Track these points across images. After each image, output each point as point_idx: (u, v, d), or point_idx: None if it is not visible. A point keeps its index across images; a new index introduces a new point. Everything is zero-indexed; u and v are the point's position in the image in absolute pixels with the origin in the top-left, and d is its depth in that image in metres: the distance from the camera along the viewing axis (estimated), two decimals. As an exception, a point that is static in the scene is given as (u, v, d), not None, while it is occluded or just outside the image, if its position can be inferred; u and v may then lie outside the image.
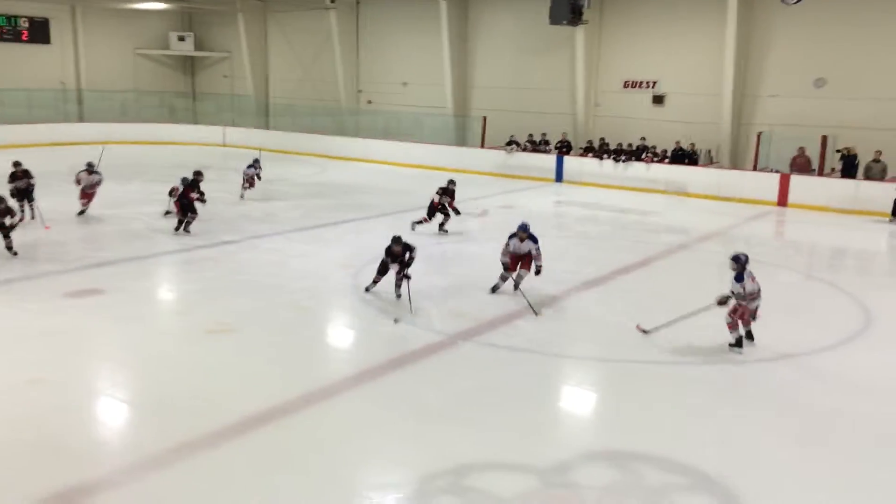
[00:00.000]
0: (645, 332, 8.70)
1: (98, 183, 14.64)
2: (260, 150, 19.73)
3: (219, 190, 17.11)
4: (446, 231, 14.32)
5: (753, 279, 8.20)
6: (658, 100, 22.75)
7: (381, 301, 9.84)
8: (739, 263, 8.24)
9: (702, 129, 21.41)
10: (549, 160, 22.58)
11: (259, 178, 17.63)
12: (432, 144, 25.12)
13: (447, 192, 14.25)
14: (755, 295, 8.22)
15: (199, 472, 5.66)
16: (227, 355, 8.02)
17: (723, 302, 8.28)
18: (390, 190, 20.29)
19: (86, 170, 14.48)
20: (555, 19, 21.51)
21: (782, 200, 18.94)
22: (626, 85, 23.32)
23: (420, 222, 14.15)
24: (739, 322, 8.31)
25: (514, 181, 22.26)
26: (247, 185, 17.43)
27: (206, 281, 10.90)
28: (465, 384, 7.41)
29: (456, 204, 14.33)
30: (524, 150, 23.35)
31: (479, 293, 10.55)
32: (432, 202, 14.16)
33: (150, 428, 6.37)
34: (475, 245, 13.83)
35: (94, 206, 14.66)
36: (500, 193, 20.00)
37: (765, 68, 20.90)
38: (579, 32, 22.75)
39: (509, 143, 23.46)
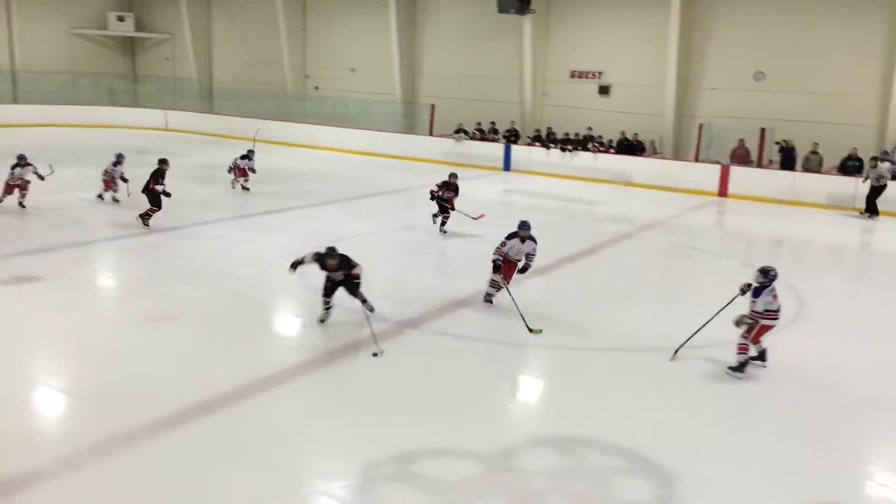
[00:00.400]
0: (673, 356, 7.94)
1: (28, 174, 13.89)
2: (255, 140, 18.17)
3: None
4: (445, 231, 13.39)
5: (776, 296, 7.51)
6: (604, 90, 23.01)
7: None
8: (768, 277, 7.48)
9: (646, 120, 21.75)
10: (497, 149, 22.66)
11: (253, 170, 16.54)
12: (380, 131, 24.97)
13: (449, 186, 13.33)
14: (776, 314, 7.54)
15: (140, 461, 5.54)
16: (168, 344, 7.87)
17: (740, 323, 7.53)
18: (336, 177, 20.12)
19: (19, 163, 13.66)
20: (502, 7, 21.60)
21: (723, 191, 19.37)
22: (573, 75, 23.52)
23: (444, 221, 13.31)
24: (750, 344, 7.58)
25: (462, 169, 22.20)
26: (241, 178, 16.49)
27: (147, 268, 10.67)
28: (412, 372, 7.41)
29: (447, 193, 13.36)
30: (472, 138, 23.39)
31: (425, 281, 10.56)
32: (431, 191, 13.36)
33: (88, 417, 6.21)
34: (420, 233, 13.81)
35: (31, 191, 14.17)
36: (448, 181, 19.99)
37: (706, 61, 21.32)
38: (527, 21, 22.86)
39: (458, 132, 23.47)
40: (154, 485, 5.25)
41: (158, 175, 12.66)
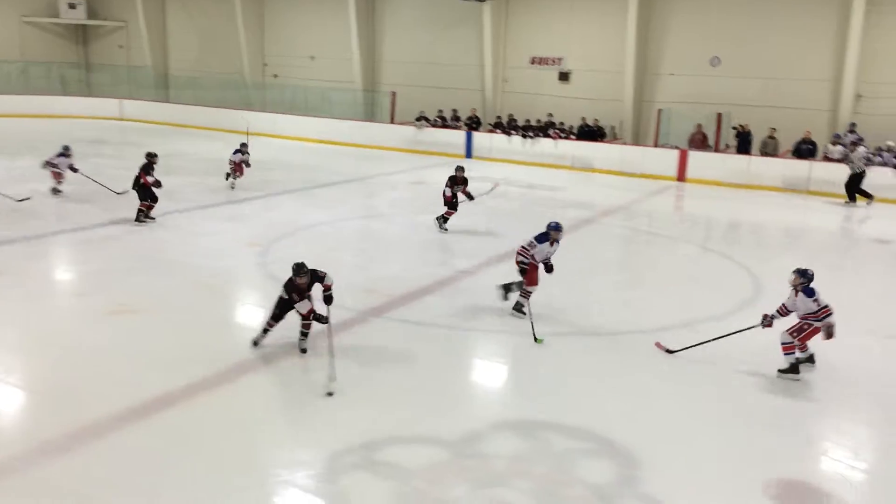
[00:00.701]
0: (670, 351, 7.71)
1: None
2: (248, 133, 17.43)
3: (116, 166, 16.46)
4: (445, 230, 12.89)
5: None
6: (564, 77, 23.14)
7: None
8: (807, 277, 7.31)
9: (606, 105, 21.95)
10: (459, 136, 22.69)
11: (248, 164, 15.65)
12: (341, 120, 24.82)
13: (458, 180, 12.87)
14: (829, 310, 7.28)
15: (101, 457, 5.49)
16: (129, 337, 7.77)
17: (769, 324, 7.41)
18: (297, 166, 19.98)
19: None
20: (462, -6, 21.60)
21: (681, 175, 19.66)
22: (533, 61, 23.61)
23: (446, 219, 12.94)
24: (798, 344, 7.36)
25: (424, 157, 22.28)
26: (237, 173, 15.59)
27: (107, 261, 10.50)
28: (376, 360, 7.43)
29: (457, 188, 12.87)
30: (434, 125, 23.38)
31: (389, 269, 10.57)
32: (445, 196, 12.79)
33: (47, 413, 6.13)
34: (383, 221, 13.81)
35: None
36: (410, 169, 20.00)
37: (664, 47, 21.57)
38: (486, 8, 22.88)
39: (419, 119, 23.44)
40: (116, 480, 5.20)
41: (148, 168, 12.43)
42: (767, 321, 7.39)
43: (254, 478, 5.29)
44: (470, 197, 12.93)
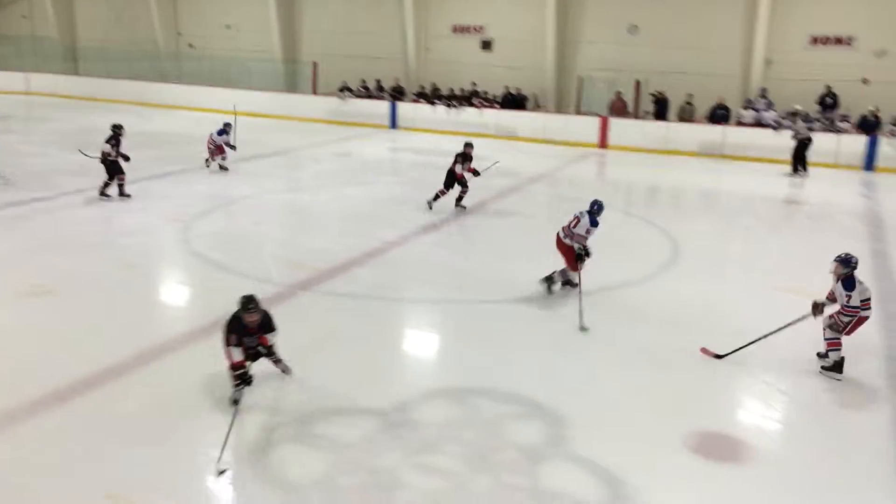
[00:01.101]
0: (718, 356, 7.08)
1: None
2: (235, 113, 16.31)
3: (23, 142, 15.75)
4: (465, 207, 12.53)
5: (860, 282, 6.82)
6: (486, 45, 23.18)
7: (220, 254, 9.55)
8: (852, 265, 6.77)
9: (528, 74, 22.11)
10: (383, 106, 22.52)
11: (233, 147, 14.86)
12: (261, 91, 24.27)
13: (467, 157, 12.39)
14: (870, 301, 6.80)
15: (23, 442, 5.33)
16: (46, 319, 7.52)
17: (819, 310, 6.85)
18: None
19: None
20: (382, -38, 21.30)
21: (603, 142, 20.03)
22: (455, 30, 23.56)
23: (437, 198, 12.38)
24: (843, 338, 6.88)
25: (348, 128, 22.05)
26: (218, 155, 14.80)
27: (19, 241, 10.09)
28: (306, 333, 7.40)
29: (466, 165, 12.41)
30: (357, 96, 23.12)
31: (315, 242, 10.49)
32: (452, 172, 12.30)
33: (-38, 402, 5.90)
34: (307, 194, 13.66)
35: None
36: (335, 141, 19.78)
37: (584, 15, 21.81)
38: (407, -24, 22.67)
39: (342, 90, 23.14)
40: (40, 465, 5.07)
41: (113, 141, 12.04)
42: (819, 310, 6.81)
43: (184, 457, 5.24)
44: (476, 173, 12.46)
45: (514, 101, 21.50)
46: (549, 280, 8.65)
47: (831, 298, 6.87)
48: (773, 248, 11.18)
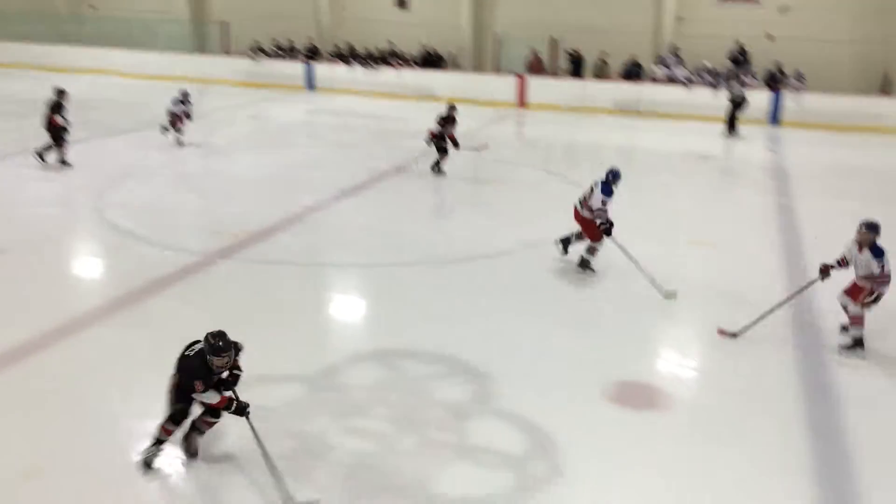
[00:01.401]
0: (734, 335, 6.75)
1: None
2: (200, 83, 14.96)
3: None
4: (442, 171, 12.33)
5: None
6: (402, 3, 22.86)
7: (134, 223, 9.23)
8: (878, 232, 6.29)
9: (445, 32, 21.96)
10: (298, 67, 22.02)
11: (189, 116, 13.85)
12: (169, 53, 23.35)
13: (449, 119, 12.15)
14: (889, 278, 6.35)
15: (-69, 428, 5.11)
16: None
17: (827, 274, 6.53)
18: (125, 104, 18.77)
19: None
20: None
21: (521, 101, 20.13)
22: (369, -13, 23.15)
23: (439, 163, 12.24)
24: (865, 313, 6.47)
25: (262, 90, 21.51)
26: (177, 125, 13.73)
27: (-88, 217, 9.53)
28: (227, 302, 7.28)
29: (448, 128, 12.19)
30: (271, 56, 22.52)
31: (234, 208, 10.26)
32: (430, 133, 12.14)
33: None
34: (223, 158, 13.31)
35: None
36: (248, 103, 19.28)
37: (499, -27, 21.73)
38: (318, -69, 22.06)
39: (254, 51, 22.49)
40: (-49, 450, 4.88)
41: (57, 107, 11.51)
42: (827, 273, 6.52)
43: (105, 431, 5.12)
44: (455, 144, 12.13)
45: (430, 61, 21.34)
46: (566, 241, 8.47)
47: (842, 264, 6.51)
48: (687, 203, 11.53)
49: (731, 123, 17.03)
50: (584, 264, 8.27)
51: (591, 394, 5.75)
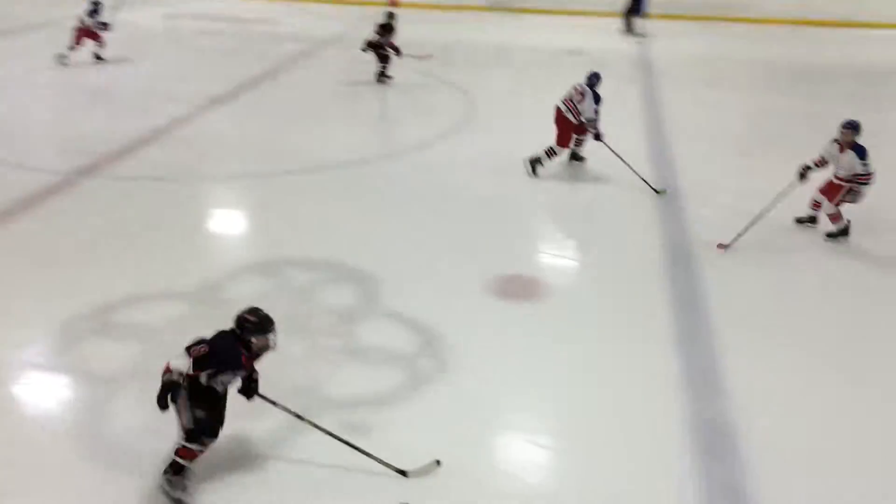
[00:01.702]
0: (724, 245, 6.66)
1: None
2: None
3: None
4: (388, 78, 11.93)
5: None
6: None
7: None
8: (858, 131, 6.45)
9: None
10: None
11: (106, 27, 12.30)
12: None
13: (387, 28, 11.70)
14: (873, 177, 6.55)
15: None
16: None
17: (805, 176, 6.67)
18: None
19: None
20: None
21: (392, 0, 19.60)
22: None
23: (384, 71, 11.83)
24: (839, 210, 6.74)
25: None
26: (89, 41, 12.28)
27: None
28: (97, 223, 6.96)
29: (385, 38, 11.74)
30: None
31: (94, 124, 9.68)
32: (367, 42, 11.65)
33: None
34: (77, 69, 12.41)
35: None
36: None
37: None
38: None
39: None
40: None
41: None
42: (806, 175, 6.67)
43: (-24, 366, 4.90)
44: (396, 51, 11.69)
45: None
46: (535, 162, 8.28)
47: (819, 164, 6.66)
48: (556, 98, 11.62)
49: (629, 19, 17.19)
50: (535, 162, 8.21)
51: (473, 290, 5.93)
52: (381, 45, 11.71)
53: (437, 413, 4.53)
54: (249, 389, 3.94)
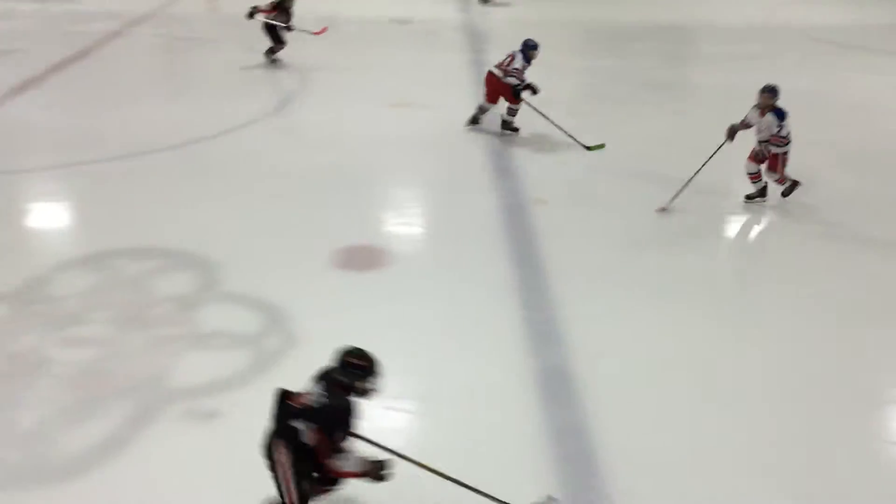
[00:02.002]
0: (664, 209, 6.88)
1: None
2: None
3: None
4: (277, 60, 11.25)
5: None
6: None
7: None
8: (776, 94, 6.62)
9: None
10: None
11: None
12: None
13: (283, 7, 10.92)
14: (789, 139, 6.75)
15: None
16: None
17: (732, 135, 6.81)
18: None
19: None
20: None
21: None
22: None
23: (272, 51, 11.10)
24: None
25: None
26: None
27: None
28: None
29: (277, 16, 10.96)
30: None
31: None
32: (256, 8, 10.89)
33: None
34: None
35: None
36: None
37: None
38: None
39: None
40: None
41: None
42: (732, 135, 6.83)
43: None
44: (288, 28, 11.02)
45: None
46: (474, 120, 8.73)
47: (743, 125, 6.84)
48: (386, 67, 11.69)
49: None
50: (506, 125, 8.60)
51: (317, 264, 5.91)
52: (273, 27, 11.07)
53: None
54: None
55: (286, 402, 3.22)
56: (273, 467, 3.21)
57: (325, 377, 3.26)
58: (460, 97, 9.97)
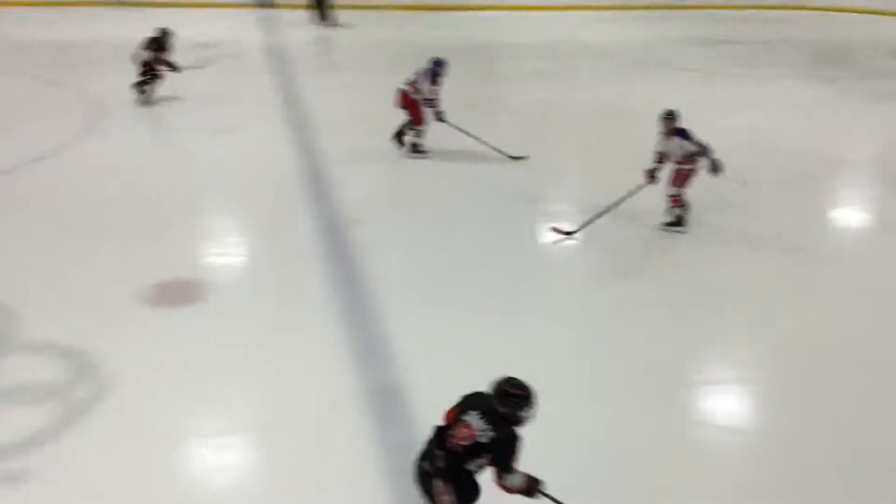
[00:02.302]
0: (569, 234, 6.75)
1: None
2: None
3: None
4: (146, 94, 10.29)
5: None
6: None
7: None
8: (674, 118, 6.57)
9: None
10: None
11: None
12: None
13: (161, 44, 10.21)
14: (709, 147, 6.57)
15: None
16: None
17: (651, 177, 6.71)
18: None
19: None
20: None
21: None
22: None
23: (142, 86, 10.22)
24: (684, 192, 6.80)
25: None
26: None
27: None
28: None
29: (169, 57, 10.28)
30: None
31: None
32: (143, 61, 10.16)
33: None
34: None
35: None
36: None
37: None
38: None
39: None
40: None
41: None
42: (651, 176, 6.73)
43: None
44: (173, 67, 10.30)
45: None
46: (400, 135, 8.62)
47: (661, 160, 6.72)
48: (197, 93, 11.13)
49: (321, 9, 16.99)
50: (416, 148, 8.60)
51: (127, 303, 5.58)
52: (152, 65, 10.32)
53: (106, 440, 4.22)
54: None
55: (446, 439, 3.27)
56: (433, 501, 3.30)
57: (482, 408, 3.28)
58: (274, 121, 9.82)
